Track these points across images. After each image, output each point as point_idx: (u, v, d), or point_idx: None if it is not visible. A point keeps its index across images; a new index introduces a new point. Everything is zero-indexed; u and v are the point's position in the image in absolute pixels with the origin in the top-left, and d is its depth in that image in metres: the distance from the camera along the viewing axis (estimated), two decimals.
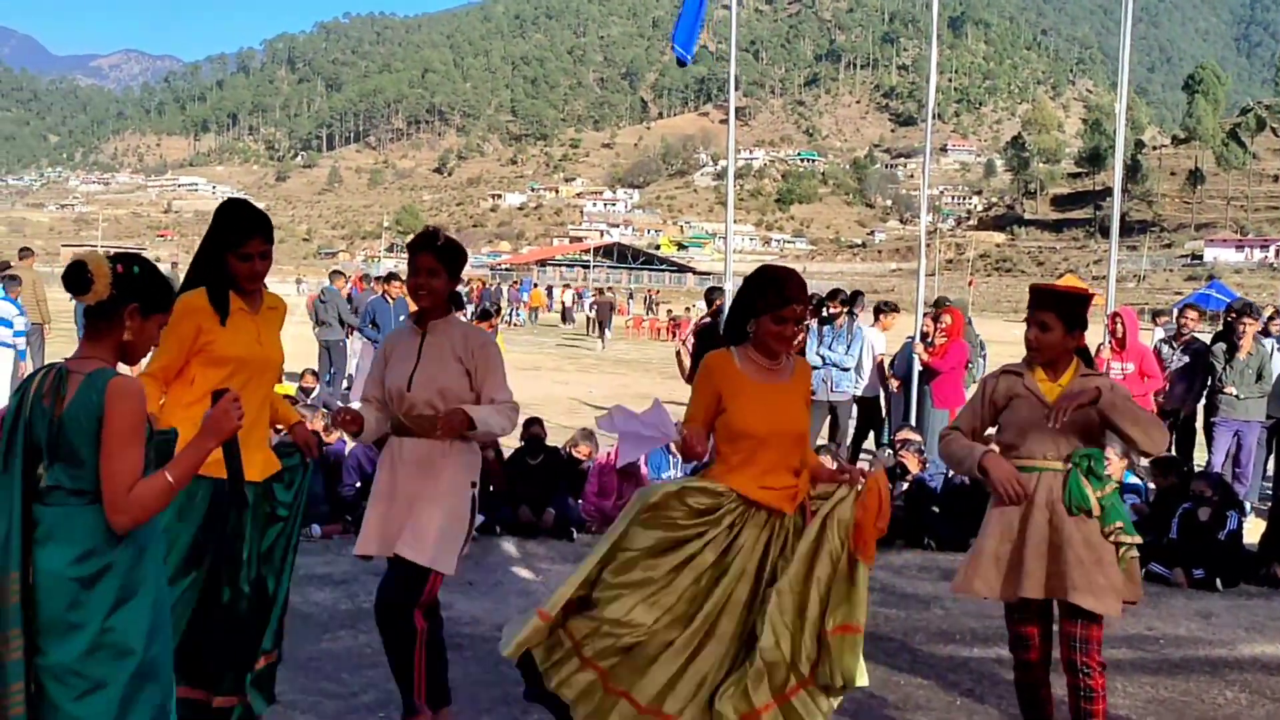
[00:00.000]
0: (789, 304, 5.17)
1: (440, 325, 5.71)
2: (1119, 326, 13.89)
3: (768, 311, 5.18)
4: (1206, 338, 14.69)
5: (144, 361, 4.40)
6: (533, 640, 5.19)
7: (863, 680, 5.07)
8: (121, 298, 3.92)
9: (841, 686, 5.05)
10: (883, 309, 15.85)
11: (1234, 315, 14.62)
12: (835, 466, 5.50)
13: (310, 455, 5.54)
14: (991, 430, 5.85)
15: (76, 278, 3.87)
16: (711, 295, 15.30)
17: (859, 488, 5.16)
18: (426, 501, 5.56)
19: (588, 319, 51.64)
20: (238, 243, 5.11)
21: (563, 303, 64.76)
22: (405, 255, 5.98)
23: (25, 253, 21.35)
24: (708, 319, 14.95)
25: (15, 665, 3.72)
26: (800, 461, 5.31)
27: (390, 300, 18.54)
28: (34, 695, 3.76)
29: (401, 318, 18.07)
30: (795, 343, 5.39)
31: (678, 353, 16.09)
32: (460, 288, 6.41)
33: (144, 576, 3.88)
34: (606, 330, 46.10)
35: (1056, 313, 5.50)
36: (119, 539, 3.80)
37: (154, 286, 4.03)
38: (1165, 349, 14.83)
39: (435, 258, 5.64)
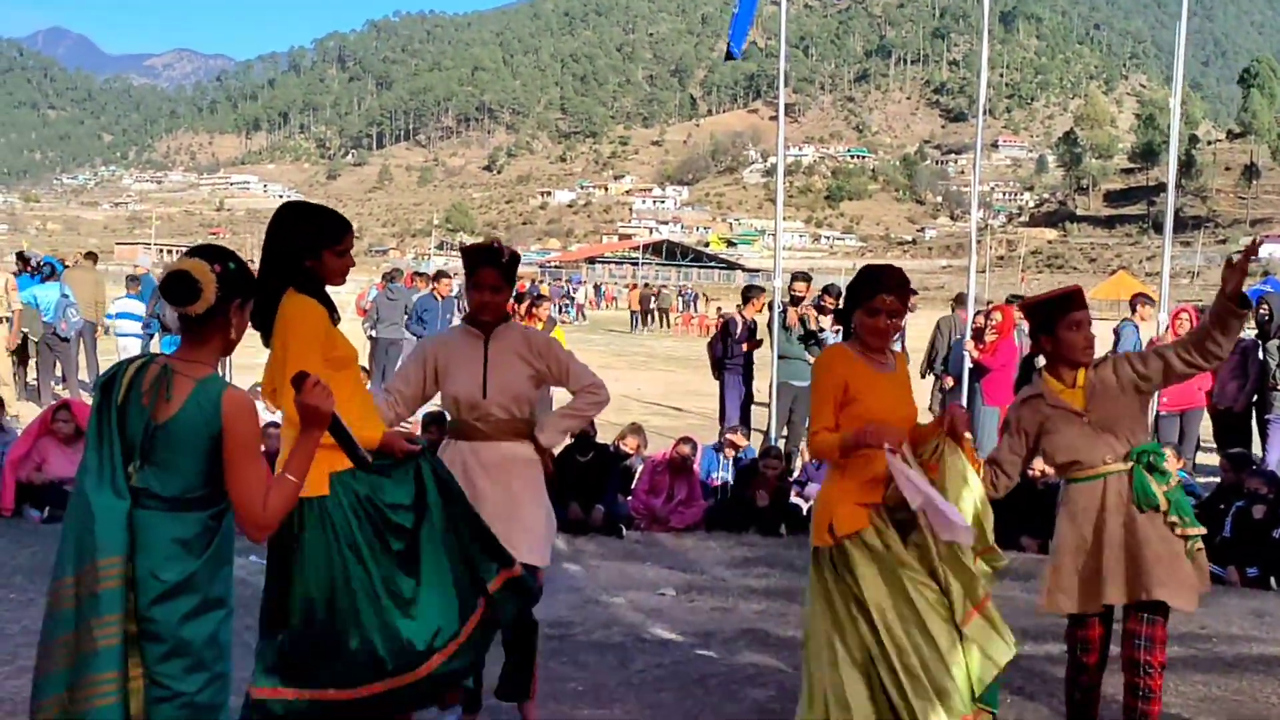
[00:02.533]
0: (878, 294, 5.32)
1: (503, 330, 5.78)
2: (1184, 323, 13.87)
3: (862, 305, 5.36)
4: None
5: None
6: None
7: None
8: (227, 298, 3.80)
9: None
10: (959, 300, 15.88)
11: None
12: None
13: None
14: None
15: (185, 289, 3.72)
16: (749, 294, 15.44)
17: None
18: (529, 503, 5.68)
19: (637, 312, 56.36)
20: (337, 240, 5.02)
21: (569, 298, 65.52)
22: (454, 254, 5.98)
23: (89, 256, 21.52)
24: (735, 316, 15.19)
25: (108, 652, 3.65)
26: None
27: (439, 298, 18.47)
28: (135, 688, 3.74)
29: (448, 316, 18.11)
30: (893, 335, 5.53)
31: (709, 345, 16.23)
32: None
33: (223, 591, 3.88)
34: (649, 321, 54.39)
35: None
36: (200, 551, 3.78)
37: (249, 277, 3.93)
38: None
39: (499, 274, 5.71)
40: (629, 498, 11.87)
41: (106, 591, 3.66)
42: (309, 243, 5.01)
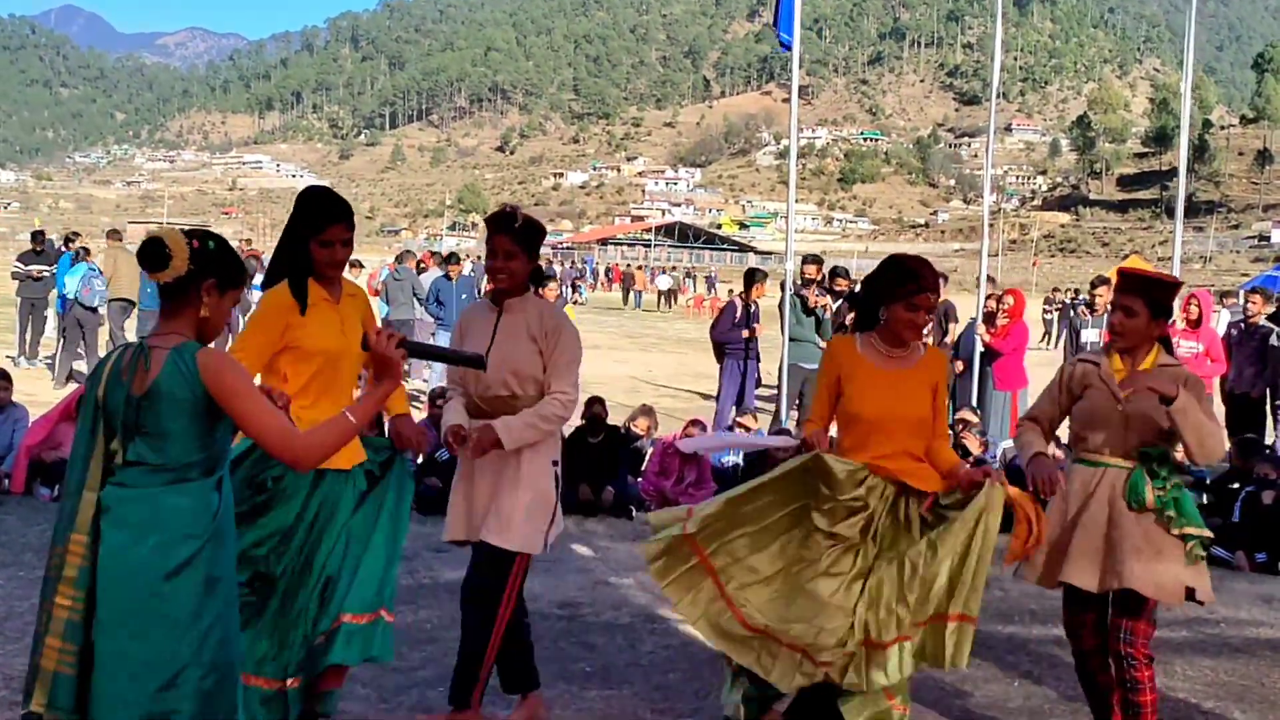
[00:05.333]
0: (923, 292, 5.31)
1: (516, 304, 5.63)
2: (1194, 308, 13.83)
3: (902, 299, 5.32)
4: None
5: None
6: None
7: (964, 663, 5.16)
8: (199, 274, 3.86)
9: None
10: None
11: None
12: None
13: (409, 448, 5.45)
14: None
15: (154, 254, 3.83)
16: (751, 278, 15.44)
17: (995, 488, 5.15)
18: (509, 484, 5.53)
19: (640, 291, 60.71)
20: (319, 229, 5.09)
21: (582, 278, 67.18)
22: (467, 234, 5.95)
23: (114, 235, 21.50)
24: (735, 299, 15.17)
25: (73, 625, 3.70)
26: (922, 449, 5.44)
27: (452, 279, 18.49)
28: (84, 674, 3.72)
29: (464, 296, 18.11)
30: (925, 331, 5.52)
31: (710, 329, 16.17)
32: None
33: (223, 573, 3.86)
34: (631, 297, 59.90)
35: (1144, 299, 5.43)
36: (207, 525, 3.77)
37: (230, 262, 3.98)
38: (1234, 333, 14.75)
39: (513, 240, 5.53)
40: (639, 479, 11.87)
41: (80, 570, 3.72)
42: (298, 231, 5.14)
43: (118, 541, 3.70)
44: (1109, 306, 13.68)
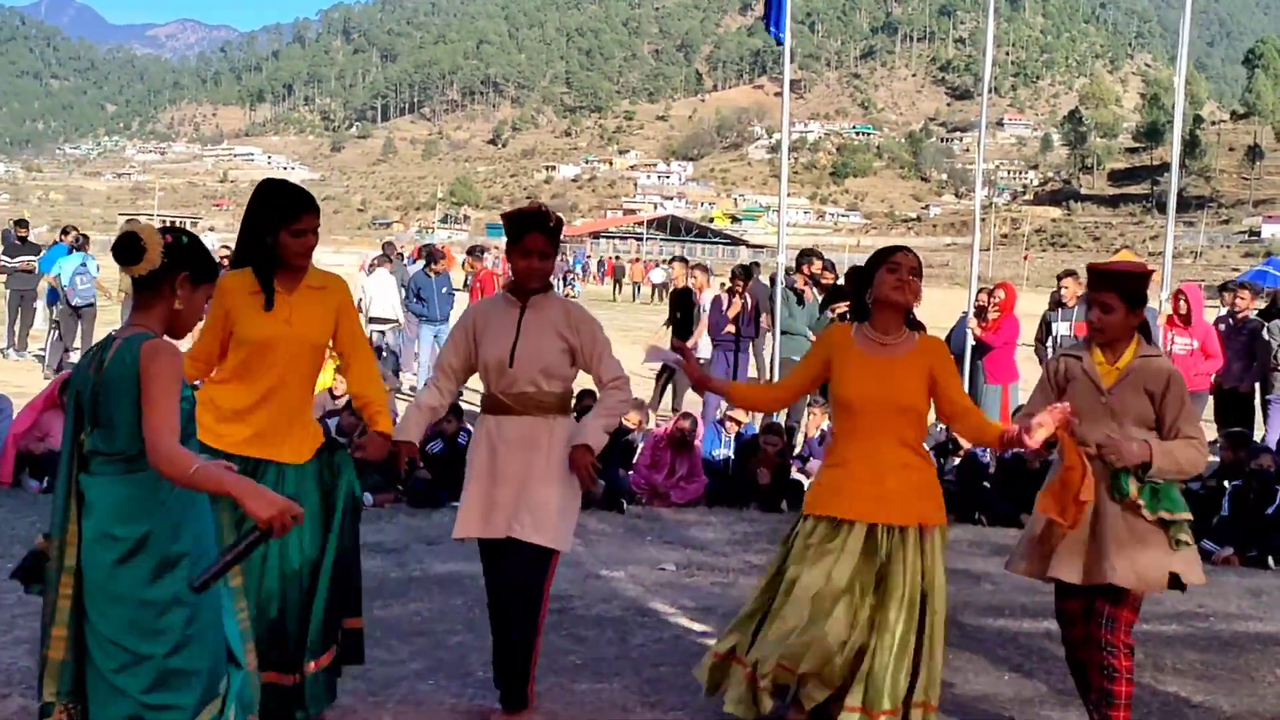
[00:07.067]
0: (899, 251, 5.48)
1: (540, 300, 5.62)
2: (1182, 303, 13.83)
3: (881, 264, 5.45)
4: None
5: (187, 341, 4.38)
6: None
7: None
8: (172, 267, 3.92)
9: None
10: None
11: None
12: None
13: (367, 458, 5.47)
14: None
15: (129, 248, 3.87)
16: (738, 272, 15.50)
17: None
18: (540, 481, 5.53)
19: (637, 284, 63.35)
20: (294, 218, 5.10)
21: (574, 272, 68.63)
22: (458, 227, 5.94)
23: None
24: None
25: (64, 610, 3.83)
26: (918, 438, 5.51)
27: (432, 275, 18.42)
28: (80, 657, 3.82)
29: (444, 290, 18.12)
30: (915, 296, 5.51)
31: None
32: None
33: (184, 550, 3.87)
34: (626, 290, 62.65)
35: (1119, 293, 5.41)
36: (154, 512, 3.81)
37: (202, 257, 4.04)
38: (1222, 328, 14.76)
39: (547, 239, 5.53)
40: (630, 472, 11.87)
41: (77, 557, 3.87)
42: (268, 221, 5.13)
43: (88, 524, 3.81)
44: (1077, 299, 13.77)
